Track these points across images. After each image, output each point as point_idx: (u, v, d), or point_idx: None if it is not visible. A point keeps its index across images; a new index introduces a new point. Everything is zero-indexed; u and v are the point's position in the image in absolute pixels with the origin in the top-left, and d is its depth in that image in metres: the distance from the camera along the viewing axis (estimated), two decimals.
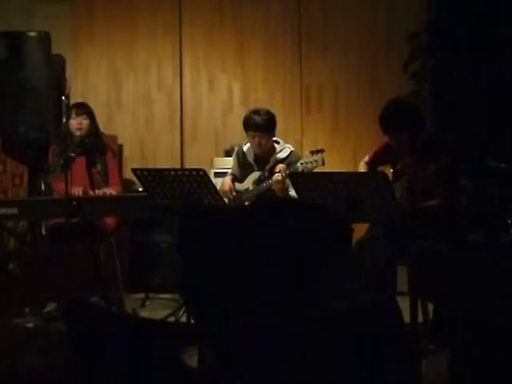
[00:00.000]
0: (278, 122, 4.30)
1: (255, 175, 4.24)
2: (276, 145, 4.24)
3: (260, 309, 2.02)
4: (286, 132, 5.33)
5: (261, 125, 4.08)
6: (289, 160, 4.13)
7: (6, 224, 4.64)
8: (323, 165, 3.78)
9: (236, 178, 4.35)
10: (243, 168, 4.33)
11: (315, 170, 3.92)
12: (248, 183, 4.27)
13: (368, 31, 5.44)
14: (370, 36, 5.44)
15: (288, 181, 3.95)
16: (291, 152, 4.20)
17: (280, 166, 4.06)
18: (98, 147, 4.49)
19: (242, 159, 4.34)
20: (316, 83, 5.54)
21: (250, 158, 4.28)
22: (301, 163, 3.82)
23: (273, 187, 3.99)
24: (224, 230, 2.20)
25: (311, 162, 3.77)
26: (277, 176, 3.94)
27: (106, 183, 4.47)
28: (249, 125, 4.13)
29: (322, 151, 3.78)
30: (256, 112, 4.15)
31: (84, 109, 4.50)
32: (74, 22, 5.66)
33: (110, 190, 4.37)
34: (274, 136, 4.21)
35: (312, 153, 3.81)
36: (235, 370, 1.62)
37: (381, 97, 5.07)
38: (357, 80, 5.48)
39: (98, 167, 4.45)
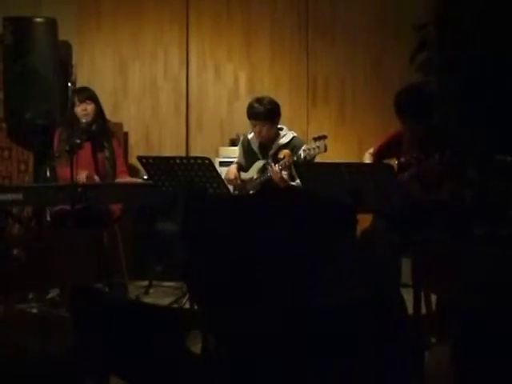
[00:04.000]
0: (284, 112, 4.29)
1: (260, 164, 4.24)
2: (279, 131, 4.25)
3: (262, 297, 2.03)
4: (292, 122, 5.31)
5: (261, 114, 4.09)
6: (292, 145, 4.13)
7: (11, 210, 4.64)
8: (325, 151, 3.79)
9: (241, 167, 4.36)
10: (248, 157, 4.33)
11: (317, 157, 3.94)
12: (253, 172, 4.27)
13: (376, 22, 5.41)
14: (378, 27, 5.41)
15: (293, 170, 3.96)
16: (294, 137, 4.20)
17: (284, 152, 4.06)
18: (104, 132, 4.48)
19: (247, 148, 4.35)
20: (322, 74, 5.53)
21: (255, 147, 4.29)
22: (303, 150, 3.83)
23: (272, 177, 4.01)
24: (228, 217, 2.20)
25: (314, 149, 3.78)
26: (274, 167, 3.96)
27: (114, 170, 4.46)
28: (250, 114, 4.14)
29: (324, 137, 3.79)
30: (258, 101, 4.14)
31: (86, 93, 4.47)
32: (80, 9, 5.64)
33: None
34: (277, 125, 4.20)
35: (315, 139, 3.83)
36: (237, 357, 1.63)
37: (387, 89, 5.05)
38: (363, 71, 5.47)
39: (106, 153, 4.44)
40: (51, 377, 2.43)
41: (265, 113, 4.09)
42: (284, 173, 3.99)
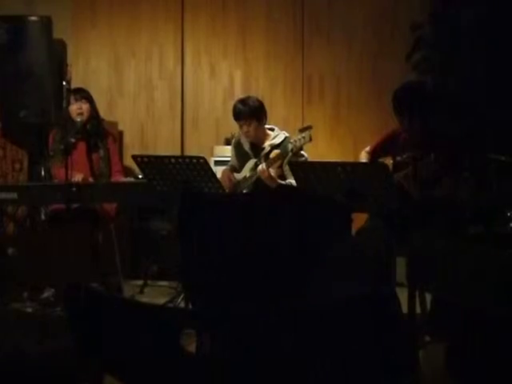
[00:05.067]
0: (279, 111, 4.29)
1: (251, 163, 4.25)
2: (270, 132, 4.26)
3: (258, 296, 2.03)
4: (287, 121, 5.32)
5: (244, 113, 4.11)
6: (284, 145, 4.14)
7: (6, 209, 4.63)
8: (310, 140, 3.80)
9: (235, 170, 4.36)
10: (240, 158, 4.34)
11: (311, 156, 3.94)
12: (245, 171, 4.28)
13: (371, 21, 5.42)
14: (373, 25, 5.42)
15: (287, 168, 3.97)
16: (286, 138, 4.21)
17: (276, 152, 4.07)
18: (98, 132, 4.49)
19: (238, 149, 4.35)
20: (318, 72, 5.53)
21: (246, 147, 4.30)
22: (290, 142, 3.85)
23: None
24: (223, 217, 2.20)
25: (299, 140, 3.80)
26: (260, 167, 3.98)
27: (109, 169, 4.46)
28: (234, 114, 4.17)
29: (309, 128, 3.80)
30: (242, 101, 4.17)
31: (83, 93, 4.50)
32: (75, 7, 5.63)
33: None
34: (263, 124, 4.21)
35: (300, 130, 3.84)
36: (232, 356, 1.63)
37: (382, 87, 5.06)
38: (359, 69, 5.47)
39: (101, 153, 4.44)
40: (46, 376, 2.43)
41: (248, 111, 4.11)
42: (272, 171, 4.00)
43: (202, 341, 1.82)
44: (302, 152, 4.02)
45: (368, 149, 3.99)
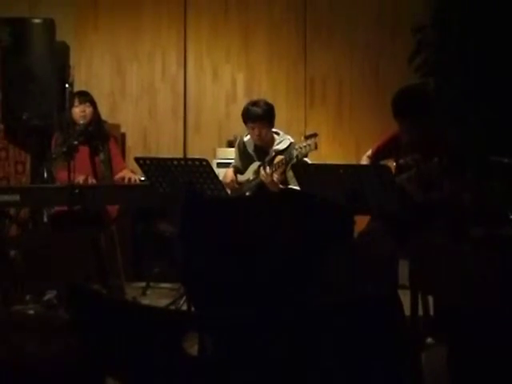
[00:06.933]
0: (282, 114, 4.30)
1: (255, 165, 4.25)
2: (276, 136, 4.25)
3: (260, 298, 2.03)
4: (290, 124, 5.32)
5: (260, 116, 4.10)
6: (289, 151, 4.14)
7: (8, 211, 4.64)
8: (316, 148, 3.81)
9: (238, 171, 4.36)
10: (244, 159, 4.34)
11: (314, 158, 3.95)
12: (248, 174, 4.28)
13: (373, 23, 5.42)
14: (376, 28, 5.42)
15: (290, 175, 3.97)
16: (291, 143, 4.21)
17: (280, 157, 4.08)
18: (101, 135, 4.50)
19: (242, 150, 4.35)
20: (320, 75, 5.53)
21: (250, 149, 4.30)
22: (295, 149, 3.85)
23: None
24: (225, 219, 2.20)
25: (305, 147, 3.80)
26: (263, 172, 3.98)
27: (110, 172, 4.47)
28: (248, 116, 4.15)
29: (315, 135, 3.80)
30: (254, 104, 4.16)
31: (87, 97, 4.52)
32: (78, 10, 5.65)
33: (130, 175, 4.37)
34: (273, 127, 4.21)
35: (306, 138, 3.84)
36: (234, 359, 1.63)
37: (385, 90, 5.06)
38: (361, 73, 5.47)
39: (101, 156, 4.45)
40: (48, 378, 2.43)
41: (262, 114, 4.10)
42: (275, 176, 4.00)
43: (204, 343, 1.82)
44: (306, 159, 4.02)
45: (369, 153, 3.98)
